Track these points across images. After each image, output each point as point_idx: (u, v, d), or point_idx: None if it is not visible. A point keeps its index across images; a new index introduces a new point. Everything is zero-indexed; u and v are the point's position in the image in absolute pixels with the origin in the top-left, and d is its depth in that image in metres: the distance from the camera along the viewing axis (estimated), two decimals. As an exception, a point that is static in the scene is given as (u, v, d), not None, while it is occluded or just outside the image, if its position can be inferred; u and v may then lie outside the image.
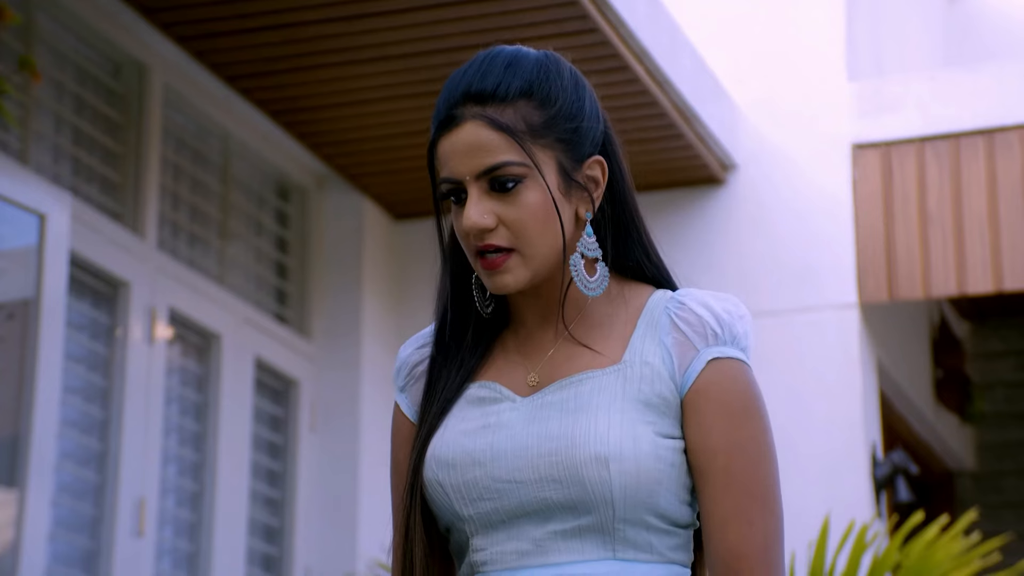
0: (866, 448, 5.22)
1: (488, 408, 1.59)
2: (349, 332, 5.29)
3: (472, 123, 1.55)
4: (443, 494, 1.57)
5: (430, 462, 1.58)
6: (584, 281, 1.58)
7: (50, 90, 4.25)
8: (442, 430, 1.59)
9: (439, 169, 1.58)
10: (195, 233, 4.83)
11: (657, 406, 1.55)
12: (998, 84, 5.31)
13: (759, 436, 1.55)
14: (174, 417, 4.65)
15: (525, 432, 1.55)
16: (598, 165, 1.60)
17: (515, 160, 1.54)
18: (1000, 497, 7.34)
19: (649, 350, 1.57)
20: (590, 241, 1.58)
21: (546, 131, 1.56)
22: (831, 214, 5.34)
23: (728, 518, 1.52)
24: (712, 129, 5.21)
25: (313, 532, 5.13)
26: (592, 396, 1.55)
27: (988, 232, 5.18)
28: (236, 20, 4.30)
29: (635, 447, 1.52)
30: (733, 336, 1.57)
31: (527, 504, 1.54)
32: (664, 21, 4.86)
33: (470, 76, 1.57)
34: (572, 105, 1.58)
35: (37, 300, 3.86)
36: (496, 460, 1.55)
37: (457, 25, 4.34)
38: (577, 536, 1.53)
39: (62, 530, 4.16)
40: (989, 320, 7.52)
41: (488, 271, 1.56)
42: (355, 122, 4.93)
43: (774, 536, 1.53)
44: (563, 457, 1.52)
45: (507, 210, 1.55)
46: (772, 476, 1.55)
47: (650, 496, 1.52)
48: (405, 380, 1.67)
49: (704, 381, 1.55)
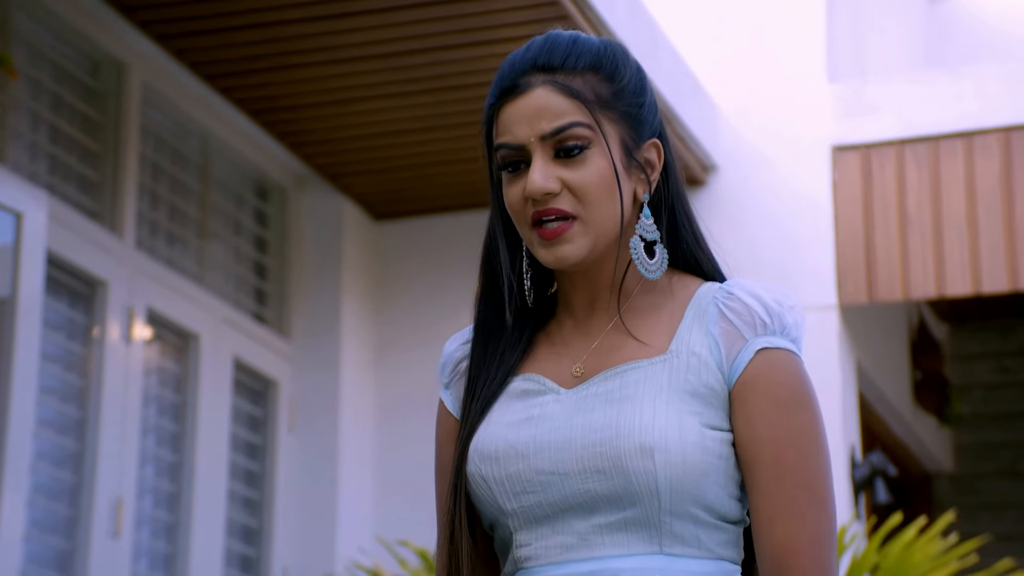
0: (845, 450, 5.23)
1: (532, 400, 1.56)
2: (328, 332, 5.27)
3: (542, 88, 1.55)
4: (486, 488, 1.54)
5: (473, 456, 1.55)
6: (644, 263, 1.56)
7: (27, 88, 4.23)
8: (485, 424, 1.57)
9: (497, 137, 1.56)
10: (173, 232, 4.81)
11: (704, 396, 1.52)
12: (977, 87, 5.33)
13: (810, 427, 1.51)
14: (152, 417, 4.63)
15: (569, 423, 1.53)
16: (655, 149, 1.60)
17: (583, 122, 1.54)
18: (978, 499, 7.36)
19: (696, 340, 1.54)
20: (648, 223, 1.57)
21: (613, 104, 1.56)
22: (811, 216, 5.34)
23: (777, 512, 1.48)
24: (692, 130, 5.22)
25: (291, 533, 5.11)
26: (638, 386, 1.52)
27: (967, 235, 5.19)
28: (215, 19, 4.28)
29: (680, 437, 1.49)
30: (783, 326, 1.55)
31: (571, 497, 1.51)
32: (644, 21, 4.85)
33: (535, 50, 1.57)
34: (637, 85, 1.59)
35: (13, 299, 3.83)
36: (540, 452, 1.52)
37: (437, 25, 4.33)
38: (623, 529, 1.50)
39: (37, 531, 4.14)
40: (968, 322, 7.54)
41: (548, 241, 1.54)
42: (335, 121, 4.92)
43: (826, 530, 1.49)
44: (607, 448, 1.50)
45: (572, 175, 1.53)
46: (824, 469, 1.51)
47: (697, 488, 1.49)
48: (449, 377, 1.65)
49: (753, 371, 1.52)
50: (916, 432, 6.83)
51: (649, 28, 4.90)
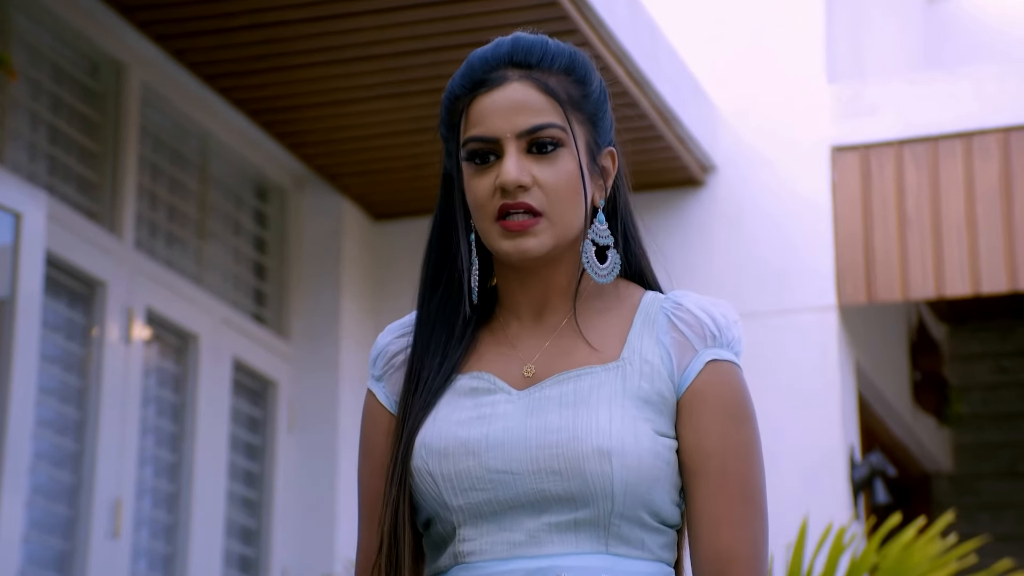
0: (844, 450, 5.23)
1: (482, 399, 1.58)
2: (327, 333, 5.27)
3: (520, 83, 1.57)
4: (432, 483, 1.55)
5: (420, 451, 1.56)
6: (595, 267, 1.58)
7: (27, 88, 4.23)
8: (432, 420, 1.58)
9: (468, 129, 1.57)
10: (173, 233, 4.81)
11: (656, 404, 1.55)
12: (976, 87, 5.33)
13: (752, 439, 1.56)
14: (151, 418, 4.63)
15: (523, 424, 1.55)
16: (611, 156, 1.63)
17: (558, 123, 1.56)
18: (977, 499, 7.36)
19: (648, 348, 1.57)
20: (602, 228, 1.60)
21: (582, 107, 1.59)
22: (810, 216, 5.34)
23: (720, 519, 1.53)
24: (692, 131, 5.22)
25: (290, 533, 5.11)
26: (592, 391, 1.55)
27: (966, 235, 5.19)
28: (215, 19, 4.28)
29: (636, 443, 1.52)
30: (729, 340, 1.59)
31: (523, 495, 1.53)
32: (644, 23, 4.86)
33: (508, 47, 1.59)
34: (601, 92, 1.62)
35: (12, 300, 3.83)
36: (491, 450, 1.54)
37: (437, 25, 4.33)
38: (572, 529, 1.53)
39: (37, 531, 4.14)
40: (967, 323, 7.54)
41: (513, 232, 1.55)
42: (334, 122, 4.92)
43: (763, 538, 1.55)
44: (565, 449, 1.52)
45: (544, 172, 1.56)
46: (762, 479, 1.57)
47: (648, 492, 1.53)
48: (383, 369, 1.66)
49: (702, 382, 1.56)
50: (915, 432, 6.83)
51: (649, 29, 4.90)
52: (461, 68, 1.60)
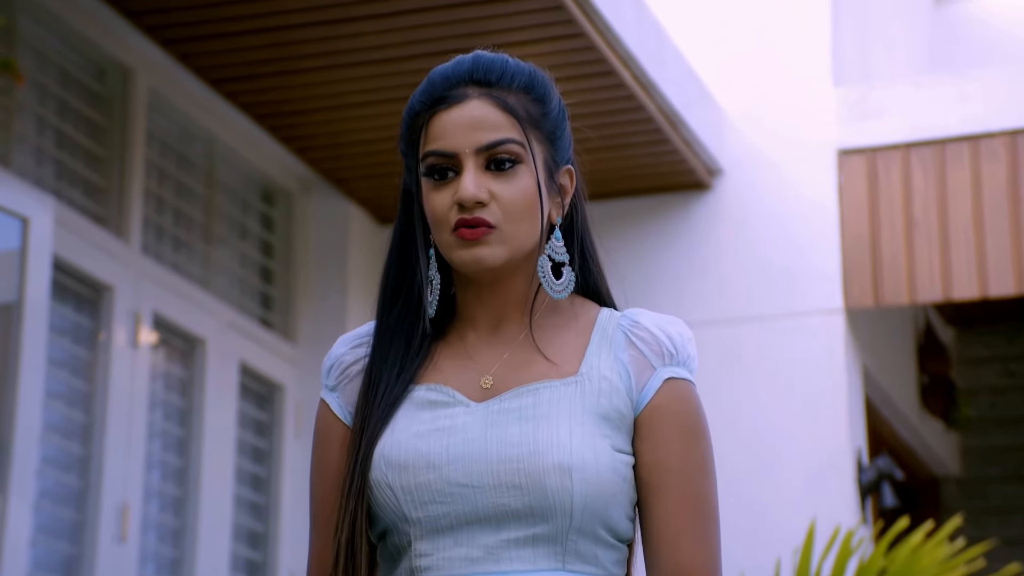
0: (851, 454, 5.22)
1: (440, 411, 1.58)
2: (334, 336, 5.25)
3: (479, 100, 1.58)
4: (391, 496, 1.55)
5: (379, 463, 1.56)
6: (551, 283, 1.59)
7: (33, 93, 4.23)
8: (390, 432, 1.57)
9: (427, 144, 1.59)
10: (179, 237, 4.82)
11: (614, 420, 1.57)
12: (983, 90, 5.32)
13: (707, 457, 1.59)
14: (158, 422, 4.63)
15: (483, 436, 1.55)
16: (568, 175, 1.65)
17: (517, 139, 1.58)
18: (985, 503, 7.35)
19: (606, 365, 1.58)
20: (559, 245, 1.61)
21: (541, 125, 1.61)
22: (817, 219, 5.34)
23: (680, 534, 1.55)
24: (698, 134, 5.21)
25: (297, 537, 5.11)
26: (551, 405, 1.56)
27: (973, 238, 5.18)
28: (221, 23, 4.29)
29: (595, 459, 1.53)
30: (685, 358, 1.61)
31: (481, 510, 1.53)
32: (650, 26, 4.85)
33: (468, 65, 1.61)
34: (560, 111, 1.64)
35: (20, 304, 3.84)
36: (452, 463, 1.54)
37: (442, 29, 4.33)
38: (530, 545, 1.53)
39: (44, 536, 4.14)
40: (974, 326, 7.53)
41: (467, 242, 1.57)
42: (340, 126, 4.92)
43: (718, 552, 1.58)
44: (525, 464, 1.53)
45: (501, 188, 1.57)
46: (716, 494, 1.59)
47: (605, 508, 1.54)
48: (337, 380, 1.65)
49: (660, 399, 1.58)
50: (923, 436, 6.82)
51: (655, 32, 4.89)
52: (421, 84, 1.62)
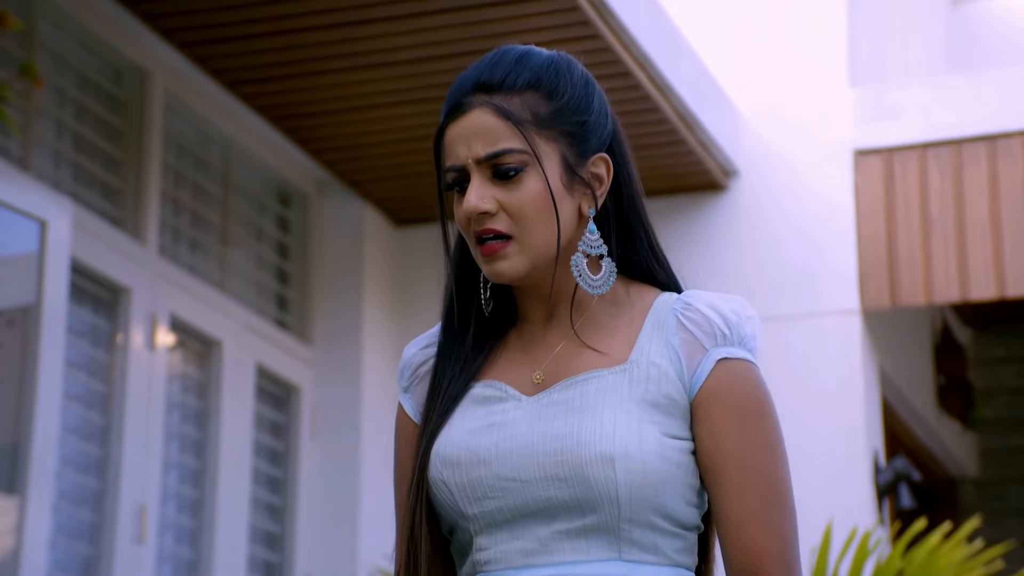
0: (868, 454, 5.21)
1: (493, 407, 1.59)
2: (350, 338, 5.28)
3: (479, 110, 1.57)
4: (448, 493, 1.57)
5: (435, 461, 1.58)
6: (588, 279, 1.58)
7: (51, 96, 4.25)
8: (447, 429, 1.59)
9: (445, 158, 1.60)
10: (196, 239, 4.83)
11: (664, 406, 1.55)
12: (1000, 90, 5.31)
13: (771, 436, 1.55)
14: (175, 424, 4.65)
15: (530, 430, 1.56)
16: (603, 163, 1.61)
17: (516, 148, 1.56)
18: (1003, 504, 7.32)
19: (656, 350, 1.57)
20: (592, 238, 1.59)
21: (552, 123, 1.58)
22: (833, 220, 5.33)
23: (744, 519, 1.52)
24: (714, 135, 5.21)
25: (314, 538, 5.12)
26: (598, 395, 1.55)
27: (990, 238, 5.17)
28: (237, 26, 4.30)
29: (640, 447, 1.52)
30: (741, 337, 1.58)
31: (532, 503, 1.54)
32: (666, 27, 4.85)
33: (480, 68, 1.59)
34: (580, 101, 1.60)
35: (38, 306, 3.85)
36: (501, 458, 1.55)
37: (459, 31, 4.33)
38: (583, 536, 1.53)
39: (62, 537, 4.15)
40: (991, 326, 7.51)
41: (486, 257, 1.57)
42: (356, 128, 4.93)
43: (791, 535, 1.54)
44: (568, 456, 1.53)
45: (508, 196, 1.56)
46: (786, 475, 1.55)
47: (656, 496, 1.52)
48: (409, 380, 1.68)
49: (714, 382, 1.55)
50: (940, 437, 6.80)
51: (670, 34, 4.89)
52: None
